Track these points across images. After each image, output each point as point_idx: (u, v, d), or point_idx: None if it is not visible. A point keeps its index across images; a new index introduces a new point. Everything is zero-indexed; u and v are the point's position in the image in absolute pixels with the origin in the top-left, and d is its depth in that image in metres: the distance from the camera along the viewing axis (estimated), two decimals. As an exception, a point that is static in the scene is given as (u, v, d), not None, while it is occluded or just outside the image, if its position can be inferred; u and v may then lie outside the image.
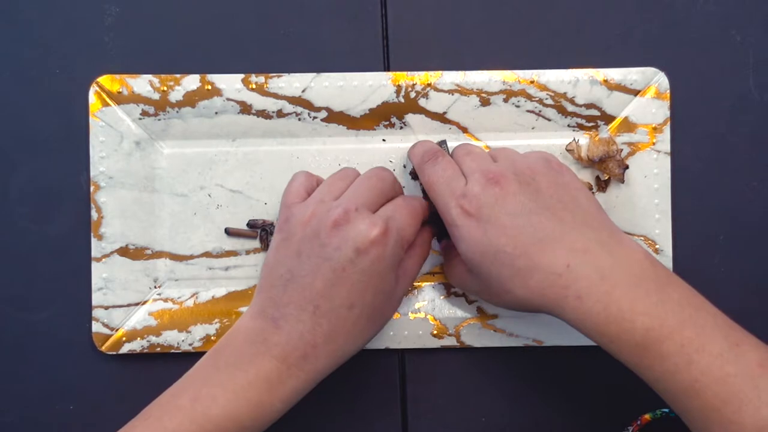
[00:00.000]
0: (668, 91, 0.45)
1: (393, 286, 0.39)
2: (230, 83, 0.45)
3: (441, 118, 0.45)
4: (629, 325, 0.34)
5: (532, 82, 0.45)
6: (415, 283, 0.45)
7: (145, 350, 0.45)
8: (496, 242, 0.36)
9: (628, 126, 0.45)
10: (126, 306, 0.45)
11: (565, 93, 0.45)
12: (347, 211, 0.37)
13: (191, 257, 0.45)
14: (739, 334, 0.34)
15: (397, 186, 0.42)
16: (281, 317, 0.37)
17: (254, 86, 0.45)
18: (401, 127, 0.45)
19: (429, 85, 0.45)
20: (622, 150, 0.45)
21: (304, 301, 0.36)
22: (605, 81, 0.45)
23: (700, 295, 0.36)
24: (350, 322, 0.36)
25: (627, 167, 0.45)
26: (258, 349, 0.36)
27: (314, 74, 0.45)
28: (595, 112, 0.45)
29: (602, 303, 0.34)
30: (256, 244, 0.45)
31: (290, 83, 0.45)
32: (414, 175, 0.43)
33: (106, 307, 0.45)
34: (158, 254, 0.45)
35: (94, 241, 0.45)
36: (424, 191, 0.43)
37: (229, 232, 0.45)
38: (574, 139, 0.45)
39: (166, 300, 0.45)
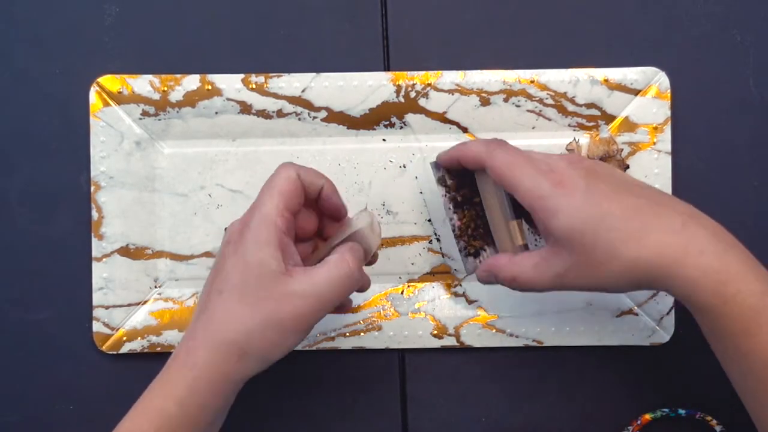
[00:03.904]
0: (669, 90, 0.45)
1: (272, 277, 0.36)
2: (230, 83, 0.45)
3: (441, 117, 0.45)
4: (745, 286, 0.33)
5: (532, 81, 0.45)
6: (415, 283, 0.46)
7: (146, 350, 0.45)
8: (600, 207, 0.35)
9: (628, 126, 0.45)
10: (126, 306, 0.45)
11: (565, 93, 0.45)
12: (245, 221, 0.37)
13: (191, 257, 0.45)
14: None
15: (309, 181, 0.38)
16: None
17: (254, 86, 0.45)
18: (401, 127, 0.45)
19: (429, 85, 0.45)
20: (622, 150, 0.45)
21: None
22: (605, 81, 0.45)
23: None
24: (220, 305, 0.36)
25: (628, 167, 0.45)
26: (172, 360, 0.37)
27: (314, 74, 0.45)
28: (595, 112, 0.45)
29: (722, 261, 0.34)
30: (256, 244, 0.45)
31: (290, 83, 0.45)
32: (442, 181, 0.40)
33: (107, 307, 0.45)
34: (158, 254, 0.45)
35: (94, 241, 0.45)
36: (451, 205, 0.41)
37: (229, 232, 0.45)
38: (575, 139, 0.45)
39: (166, 300, 0.45)
